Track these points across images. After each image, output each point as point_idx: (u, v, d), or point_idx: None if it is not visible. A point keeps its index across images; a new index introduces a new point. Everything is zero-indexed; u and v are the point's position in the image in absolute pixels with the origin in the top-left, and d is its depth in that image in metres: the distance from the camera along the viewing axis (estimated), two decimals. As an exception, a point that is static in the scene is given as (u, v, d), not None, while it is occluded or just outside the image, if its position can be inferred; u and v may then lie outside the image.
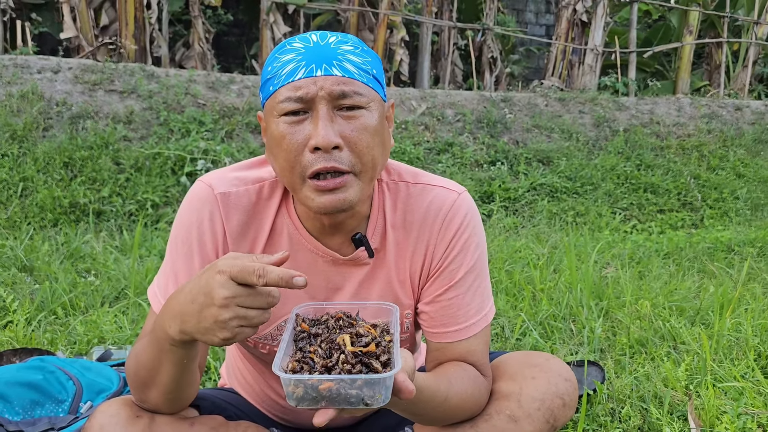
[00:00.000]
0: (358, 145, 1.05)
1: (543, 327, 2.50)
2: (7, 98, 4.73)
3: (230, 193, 1.17)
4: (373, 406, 0.85)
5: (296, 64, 1.05)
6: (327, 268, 1.21)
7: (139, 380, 1.09)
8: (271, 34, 6.58)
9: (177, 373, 1.04)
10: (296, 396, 0.85)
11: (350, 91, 1.04)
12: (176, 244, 1.18)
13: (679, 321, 2.53)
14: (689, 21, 7.70)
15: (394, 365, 0.88)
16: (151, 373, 1.05)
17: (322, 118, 1.03)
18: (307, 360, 0.91)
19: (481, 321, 1.23)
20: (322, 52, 1.05)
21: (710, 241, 4.35)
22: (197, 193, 1.18)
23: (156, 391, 1.08)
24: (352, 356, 0.89)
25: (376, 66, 1.11)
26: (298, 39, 1.09)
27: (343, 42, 1.08)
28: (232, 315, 0.88)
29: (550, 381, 1.23)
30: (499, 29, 7.59)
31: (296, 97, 1.04)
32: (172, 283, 1.17)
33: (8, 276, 2.85)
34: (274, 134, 1.07)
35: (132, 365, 1.10)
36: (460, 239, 1.20)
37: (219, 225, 1.16)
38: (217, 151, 4.67)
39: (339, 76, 1.04)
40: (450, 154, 5.50)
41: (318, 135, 1.02)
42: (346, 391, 0.84)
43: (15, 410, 1.54)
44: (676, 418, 1.84)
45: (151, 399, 1.10)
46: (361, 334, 0.95)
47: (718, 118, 6.77)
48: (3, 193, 4.06)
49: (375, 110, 1.08)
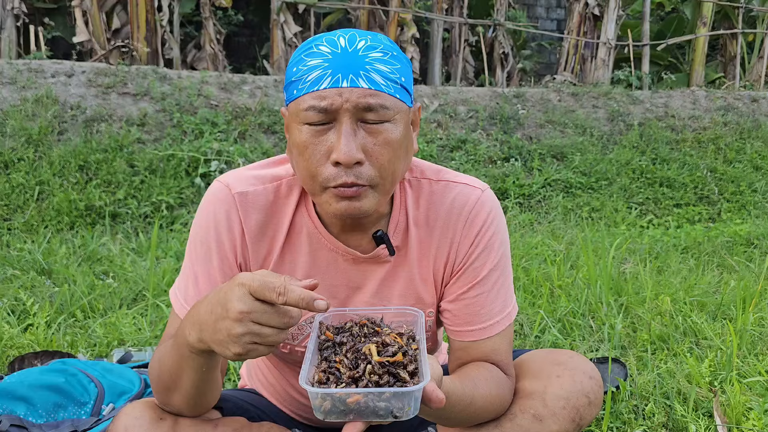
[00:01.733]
0: (380, 160, 1.04)
1: (562, 324, 2.47)
2: (22, 103, 4.77)
3: (248, 193, 1.16)
4: (401, 418, 0.84)
5: (322, 72, 1.02)
6: (347, 267, 1.20)
7: (162, 384, 1.09)
8: (281, 34, 6.58)
9: (198, 379, 1.04)
10: (324, 409, 0.83)
11: (376, 105, 1.02)
12: (195, 245, 1.18)
13: (700, 316, 2.50)
14: (703, 12, 7.61)
15: (423, 376, 0.86)
16: (173, 378, 1.05)
17: (345, 132, 1.01)
18: (333, 371, 0.89)
19: (505, 319, 1.22)
20: (349, 60, 1.02)
21: (729, 235, 4.30)
22: (215, 193, 1.17)
23: (178, 395, 1.07)
24: (379, 366, 0.88)
25: (405, 72, 1.08)
26: (325, 41, 1.05)
27: (372, 47, 1.04)
28: (245, 330, 0.87)
29: (575, 379, 1.21)
30: (510, 25, 7.55)
31: (320, 107, 1.02)
32: (192, 284, 1.17)
33: (27, 279, 2.87)
34: (296, 140, 1.06)
35: (155, 369, 1.11)
36: (484, 236, 1.19)
37: (237, 225, 1.15)
38: (230, 152, 4.68)
39: (365, 89, 1.02)
40: (463, 151, 5.48)
41: (340, 151, 1.01)
42: (375, 404, 0.82)
43: (38, 413, 1.55)
44: (701, 414, 1.81)
45: (174, 403, 1.10)
46: (388, 344, 0.93)
47: (734, 110, 6.69)
48: (20, 197, 4.09)
49: (400, 122, 1.06)
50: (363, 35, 1.06)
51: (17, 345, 2.16)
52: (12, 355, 2.10)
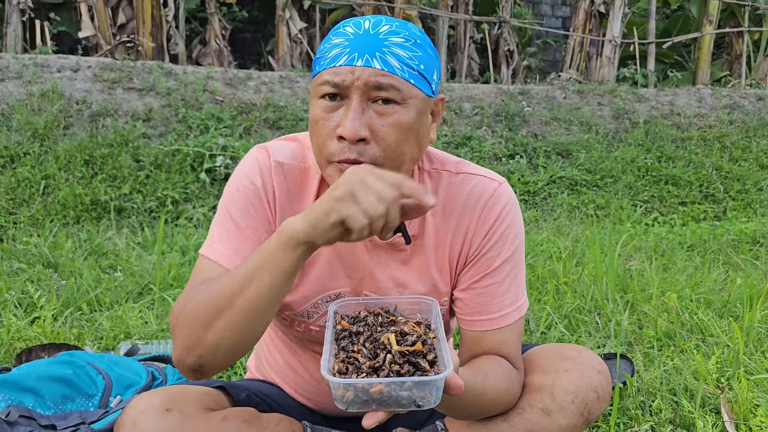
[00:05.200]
0: (386, 140, 1.05)
1: (568, 320, 2.47)
2: (28, 97, 4.78)
3: (284, 164, 1.19)
4: (423, 407, 0.84)
5: (341, 50, 1.05)
6: (365, 251, 1.21)
7: (210, 309, 1.01)
8: (287, 30, 6.58)
9: (272, 284, 0.97)
10: (346, 399, 0.83)
11: (386, 84, 1.04)
12: (233, 197, 1.17)
13: (706, 314, 2.49)
14: (709, 10, 7.58)
15: (446, 364, 0.86)
16: (235, 292, 0.99)
17: (353, 109, 1.04)
18: (352, 360, 0.89)
19: (516, 312, 1.22)
20: (368, 41, 1.05)
21: (734, 233, 4.29)
22: (256, 155, 1.19)
23: (230, 316, 0.99)
24: (399, 356, 0.88)
25: (426, 61, 1.08)
26: (352, 24, 1.08)
27: (395, 33, 1.06)
28: (396, 195, 0.91)
29: (584, 373, 1.21)
30: (515, 22, 7.53)
31: (333, 82, 1.05)
32: (234, 233, 1.14)
33: (34, 272, 2.88)
34: (311, 114, 1.10)
35: (201, 296, 1.03)
36: (499, 228, 1.19)
37: (271, 188, 1.17)
38: (235, 147, 4.68)
39: (378, 69, 1.04)
40: (468, 147, 5.47)
41: (345, 126, 1.03)
42: (397, 393, 0.82)
43: (46, 404, 1.55)
44: (708, 411, 1.81)
45: (216, 331, 1.00)
46: (406, 333, 0.93)
47: (740, 108, 6.66)
48: (26, 191, 4.10)
49: (412, 107, 1.07)
50: (390, 21, 1.08)
51: (24, 337, 2.17)
52: (19, 348, 2.10)
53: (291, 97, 5.52)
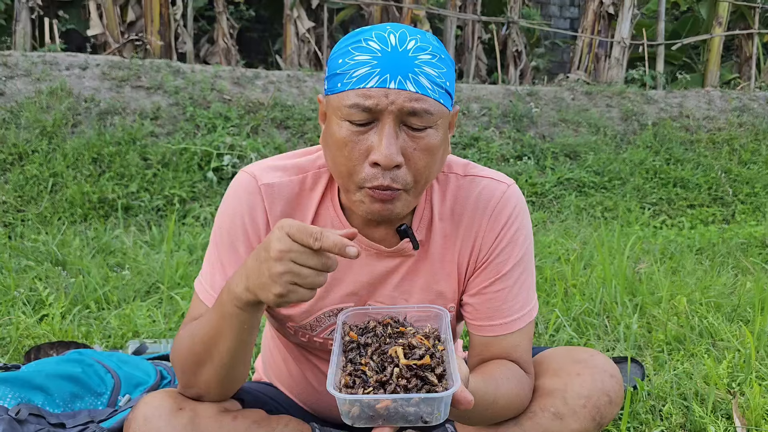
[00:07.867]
0: (418, 165, 1.04)
1: (577, 323, 2.46)
2: (36, 95, 4.79)
3: (274, 184, 1.16)
4: (431, 423, 0.82)
5: (370, 69, 1.00)
6: (370, 261, 1.19)
7: (193, 357, 1.08)
8: (294, 29, 6.58)
9: (237, 342, 1.04)
10: (352, 415, 0.82)
11: (421, 110, 1.01)
12: (221, 234, 1.18)
13: (716, 317, 2.47)
14: (719, 12, 7.54)
15: (453, 381, 0.84)
16: (208, 346, 1.05)
17: (387, 134, 1.00)
18: (360, 374, 0.88)
19: (526, 316, 1.21)
20: (398, 60, 1.00)
21: (744, 237, 4.26)
22: (241, 183, 1.17)
23: (210, 368, 1.07)
24: (407, 369, 0.86)
25: (450, 76, 1.06)
26: (375, 37, 1.02)
27: (422, 49, 1.02)
28: (285, 269, 0.89)
29: (596, 377, 1.20)
30: (523, 22, 7.51)
31: (365, 106, 1.00)
32: (219, 273, 1.17)
33: (42, 270, 2.88)
34: (334, 135, 1.05)
35: (184, 345, 1.10)
36: (508, 231, 1.18)
37: (262, 215, 1.16)
38: (243, 147, 4.68)
39: (412, 92, 1.00)
40: (476, 148, 5.46)
41: (381, 152, 1.00)
42: (404, 409, 0.81)
43: (56, 403, 1.55)
44: (720, 416, 1.80)
45: (203, 379, 1.09)
46: (414, 346, 0.91)
47: (750, 111, 6.62)
48: (34, 188, 4.11)
49: (441, 127, 1.06)
50: (413, 33, 1.03)
51: (33, 335, 2.17)
52: (28, 345, 2.11)
53: (298, 96, 5.52)
